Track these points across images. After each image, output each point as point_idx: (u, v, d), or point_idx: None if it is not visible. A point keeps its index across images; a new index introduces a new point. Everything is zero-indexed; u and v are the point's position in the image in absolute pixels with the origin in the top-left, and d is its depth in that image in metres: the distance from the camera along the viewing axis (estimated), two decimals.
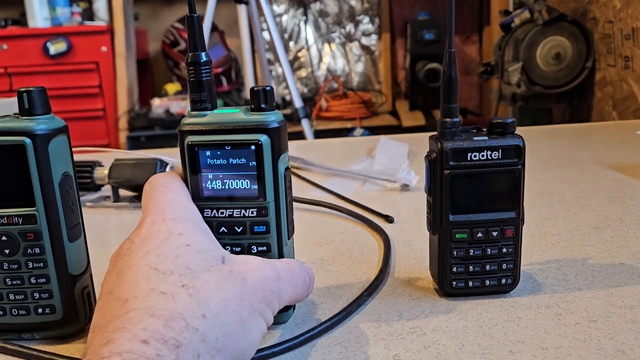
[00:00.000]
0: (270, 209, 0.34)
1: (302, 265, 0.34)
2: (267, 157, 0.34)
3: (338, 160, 0.85)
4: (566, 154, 0.86)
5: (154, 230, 0.30)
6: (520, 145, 0.38)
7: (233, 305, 0.28)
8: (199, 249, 0.29)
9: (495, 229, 0.39)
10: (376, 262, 0.48)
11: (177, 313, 0.26)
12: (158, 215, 0.31)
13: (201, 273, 0.28)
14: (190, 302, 0.26)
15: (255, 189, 0.34)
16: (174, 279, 0.27)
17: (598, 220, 0.56)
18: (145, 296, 0.26)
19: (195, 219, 0.32)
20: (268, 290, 0.30)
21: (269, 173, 0.34)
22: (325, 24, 3.23)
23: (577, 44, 1.65)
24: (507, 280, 0.40)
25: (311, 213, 0.63)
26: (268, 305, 0.30)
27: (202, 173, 0.34)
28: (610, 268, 0.45)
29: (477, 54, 3.18)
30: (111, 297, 0.27)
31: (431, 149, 0.39)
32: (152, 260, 0.28)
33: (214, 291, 0.27)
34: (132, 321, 0.25)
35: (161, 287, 0.27)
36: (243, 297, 0.28)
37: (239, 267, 0.30)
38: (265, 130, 0.33)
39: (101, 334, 0.25)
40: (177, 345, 0.25)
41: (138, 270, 0.28)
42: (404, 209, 0.63)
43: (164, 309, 0.26)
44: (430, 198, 0.40)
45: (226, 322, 0.27)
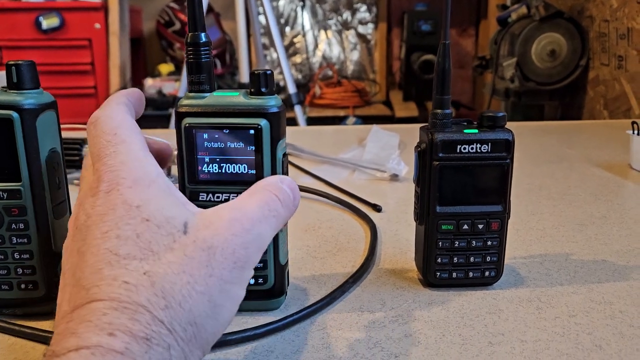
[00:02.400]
0: None
1: (278, 183, 0.31)
2: (266, 142, 0.33)
3: (329, 147, 0.85)
4: (556, 150, 0.87)
5: (110, 202, 0.27)
6: (510, 139, 0.38)
7: (199, 287, 0.26)
8: (159, 221, 0.27)
9: (481, 222, 0.39)
10: (362, 250, 0.49)
11: (141, 306, 0.25)
12: (112, 181, 0.28)
13: (164, 254, 0.26)
14: (154, 293, 0.25)
15: (253, 174, 0.34)
16: (135, 264, 0.26)
17: (583, 217, 0.57)
18: (108, 286, 0.25)
19: (153, 179, 0.28)
20: (241, 248, 0.27)
21: (267, 158, 0.34)
22: (322, 10, 3.21)
23: (573, 41, 1.66)
24: (490, 273, 0.40)
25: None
26: (243, 266, 0.28)
27: (199, 156, 0.34)
28: (592, 265, 0.45)
29: (472, 48, 3.18)
30: (74, 281, 0.26)
31: (421, 140, 0.39)
32: (113, 242, 0.26)
33: (177, 275, 0.26)
34: (96, 313, 0.24)
35: (123, 276, 0.25)
36: (211, 273, 0.26)
37: (204, 233, 0.27)
38: (264, 115, 0.33)
39: (65, 322, 0.25)
40: (146, 338, 0.24)
41: (98, 255, 0.26)
42: (392, 199, 0.63)
43: (128, 302, 0.25)
44: (418, 189, 0.40)
45: (192, 308, 0.26)
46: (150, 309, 0.25)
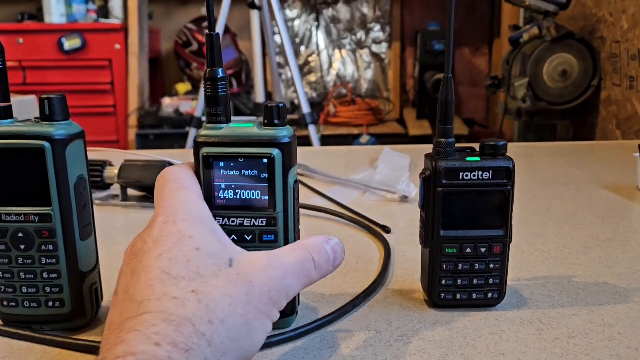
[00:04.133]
0: (279, 220, 0.36)
1: (321, 244, 0.34)
2: (278, 170, 0.36)
3: (341, 168, 0.87)
4: (565, 172, 0.88)
5: (165, 231, 0.31)
6: (510, 167, 0.40)
7: (239, 310, 0.29)
8: (209, 252, 0.31)
9: (484, 246, 0.41)
10: (372, 271, 0.50)
11: (187, 319, 0.27)
12: (170, 215, 0.32)
13: (210, 278, 0.30)
14: (199, 308, 0.28)
15: (266, 199, 0.36)
16: (184, 284, 0.29)
17: (588, 239, 0.58)
18: (158, 300, 0.28)
19: (205, 219, 0.33)
20: (274, 290, 0.31)
21: (279, 185, 0.36)
22: (336, 30, 3.26)
23: (584, 62, 1.67)
24: (493, 295, 0.42)
25: (311, 219, 0.65)
26: (274, 305, 0.31)
27: (216, 183, 0.36)
28: (594, 287, 0.46)
29: (486, 66, 3.20)
30: (127, 297, 0.29)
31: (426, 167, 0.42)
32: (165, 264, 0.30)
33: (221, 296, 0.29)
34: (145, 324, 0.27)
35: (173, 292, 0.28)
36: (249, 301, 0.30)
37: (246, 269, 0.31)
38: (277, 145, 0.35)
39: (116, 333, 0.27)
40: (186, 349, 0.26)
41: (151, 273, 0.29)
42: (402, 220, 0.65)
43: (175, 315, 0.27)
44: (424, 213, 0.42)
45: (232, 326, 0.29)
46: (194, 322, 0.27)
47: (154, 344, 0.26)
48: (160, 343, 0.26)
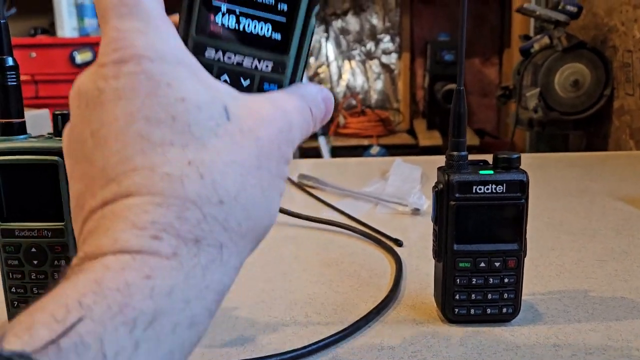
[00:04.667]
0: (288, 66, 0.28)
1: (317, 96, 0.28)
2: (304, 4, 0.28)
3: (352, 180, 0.87)
4: (579, 183, 0.87)
5: (129, 77, 0.22)
6: (524, 180, 0.40)
7: (252, 179, 0.23)
8: (198, 102, 0.22)
9: (498, 260, 0.41)
10: (384, 285, 0.50)
11: (189, 201, 0.21)
12: (128, 52, 0.22)
13: (208, 139, 0.22)
14: (203, 186, 0.21)
15: (279, 37, 0.28)
16: (175, 152, 0.21)
17: (603, 252, 0.57)
18: (145, 178, 0.21)
19: (182, 56, 0.23)
20: (283, 144, 0.24)
21: (300, 23, 0.28)
22: (346, 41, 3.27)
23: (596, 71, 1.66)
24: (508, 310, 0.41)
25: (322, 232, 0.65)
26: (285, 161, 0.25)
27: (215, 2, 0.27)
28: (611, 302, 0.46)
29: (496, 76, 3.19)
30: (94, 171, 0.22)
31: (439, 181, 0.41)
32: (141, 126, 0.21)
33: (227, 165, 0.22)
34: (134, 210, 0.20)
35: (163, 166, 0.21)
36: (260, 164, 0.23)
37: (248, 122, 0.24)
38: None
39: (97, 219, 0.21)
40: (196, 240, 0.21)
41: (124, 140, 0.21)
42: (414, 233, 0.64)
43: (173, 197, 0.21)
44: (437, 227, 0.41)
45: (248, 202, 0.22)
46: (200, 204, 0.21)
47: (151, 236, 0.20)
48: (160, 235, 0.20)
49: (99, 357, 0.18)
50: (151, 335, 0.19)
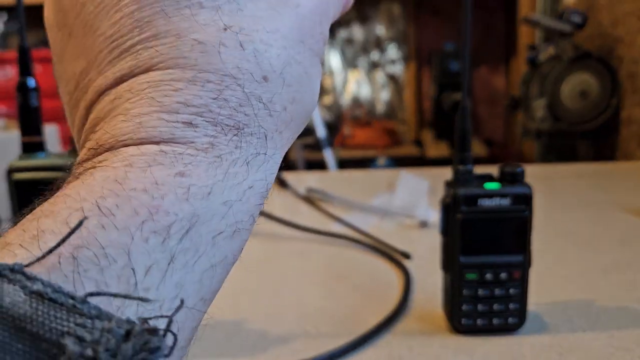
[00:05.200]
0: None
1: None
2: None
3: (359, 193, 0.88)
4: (586, 194, 0.88)
5: None
6: (529, 193, 0.41)
7: (295, 54, 0.19)
8: None
9: (504, 271, 0.42)
10: (392, 297, 0.51)
11: (229, 77, 0.17)
12: None
13: (244, 2, 0.18)
14: (245, 58, 0.17)
15: None
16: (207, 15, 0.17)
17: (608, 263, 0.58)
18: (170, 46, 0.16)
19: None
20: (324, 18, 0.20)
21: None
22: (351, 51, 3.30)
23: (603, 81, 1.67)
24: (513, 320, 0.42)
25: (330, 246, 0.66)
26: (324, 39, 0.21)
27: None
28: (614, 311, 0.46)
29: (504, 85, 3.20)
30: (98, 40, 0.17)
31: (446, 194, 0.42)
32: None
33: (271, 35, 0.18)
34: (160, 88, 0.16)
35: (193, 33, 0.17)
36: (302, 38, 0.19)
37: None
38: None
39: (106, 103, 0.17)
40: (237, 127, 0.17)
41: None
42: (421, 246, 0.65)
43: (209, 71, 0.16)
44: (444, 239, 0.43)
45: (292, 81, 0.18)
46: (242, 81, 0.17)
47: (183, 123, 0.16)
48: (194, 121, 0.16)
49: (125, 273, 0.14)
50: (188, 247, 0.15)
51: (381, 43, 3.28)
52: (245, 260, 0.61)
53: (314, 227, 0.68)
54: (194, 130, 0.16)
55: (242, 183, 0.17)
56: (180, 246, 0.15)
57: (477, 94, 3.15)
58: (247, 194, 0.17)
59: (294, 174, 1.11)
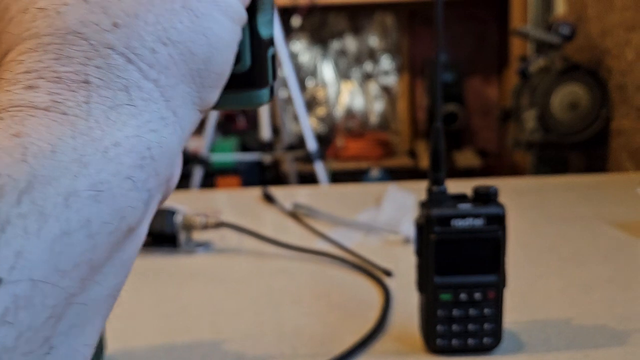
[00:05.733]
0: None
1: None
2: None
3: (347, 207, 0.88)
4: (572, 208, 0.88)
5: None
6: (501, 213, 0.41)
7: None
8: None
9: (478, 291, 0.42)
10: (371, 316, 0.51)
11: (72, 33, 0.16)
12: None
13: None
14: (89, 11, 0.17)
15: None
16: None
17: (589, 279, 0.58)
18: (18, 26, 0.17)
19: None
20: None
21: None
22: (344, 62, 3.31)
23: (592, 93, 1.68)
24: (489, 340, 0.42)
25: (313, 263, 0.66)
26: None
27: None
28: (592, 329, 0.46)
29: (496, 95, 3.21)
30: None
31: (419, 215, 0.42)
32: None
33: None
34: (8, 67, 0.17)
35: (37, 3, 0.17)
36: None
37: None
38: None
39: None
40: (85, 82, 0.16)
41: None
42: (404, 263, 0.65)
43: (49, 34, 0.16)
44: (419, 260, 0.43)
45: (158, 19, 0.17)
46: (86, 34, 0.16)
47: (24, 87, 0.16)
48: (36, 84, 0.16)
49: None
50: (28, 210, 0.14)
51: (374, 54, 3.30)
52: (227, 279, 0.61)
53: (297, 245, 0.68)
54: (34, 92, 0.16)
55: (102, 139, 0.16)
56: (17, 210, 0.14)
57: (470, 105, 3.16)
58: (112, 151, 0.16)
59: (283, 189, 1.11)
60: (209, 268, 0.66)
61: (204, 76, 0.18)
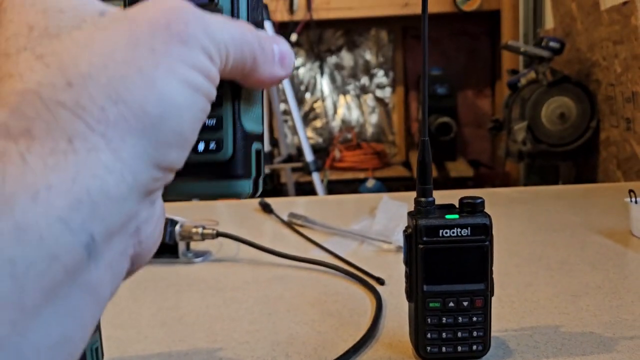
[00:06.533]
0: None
1: (269, 41, 0.24)
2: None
3: (342, 217, 0.90)
4: (561, 217, 0.90)
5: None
6: (487, 223, 0.42)
7: (118, 56, 0.19)
8: (63, 7, 0.20)
9: (466, 299, 0.43)
10: (364, 324, 0.52)
11: (29, 92, 0.18)
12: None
13: (66, 33, 0.19)
14: (48, 74, 0.18)
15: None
16: (26, 54, 0.19)
17: (578, 287, 0.59)
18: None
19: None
20: (179, 22, 0.20)
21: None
22: (340, 76, 3.34)
23: (582, 104, 1.70)
24: (477, 347, 0.44)
25: (308, 272, 0.67)
26: (184, 42, 0.20)
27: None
28: (580, 337, 0.48)
29: (489, 107, 3.25)
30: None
31: (408, 225, 0.44)
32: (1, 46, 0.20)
33: (82, 49, 0.19)
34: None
35: (10, 70, 0.19)
36: (136, 42, 0.19)
37: (129, 12, 0.20)
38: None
39: None
40: (27, 132, 0.17)
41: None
42: (396, 272, 0.66)
43: (11, 94, 0.18)
44: (407, 269, 0.44)
45: (112, 82, 0.19)
46: (41, 93, 0.18)
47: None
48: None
49: None
50: None
51: (370, 68, 3.33)
52: (224, 288, 0.62)
53: (293, 254, 0.69)
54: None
55: (35, 183, 0.17)
56: None
57: (464, 117, 3.19)
58: (43, 193, 0.16)
59: (280, 200, 1.12)
60: (207, 277, 0.67)
61: (158, 132, 0.19)
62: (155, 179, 0.20)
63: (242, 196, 0.27)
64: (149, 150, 0.19)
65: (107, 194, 0.18)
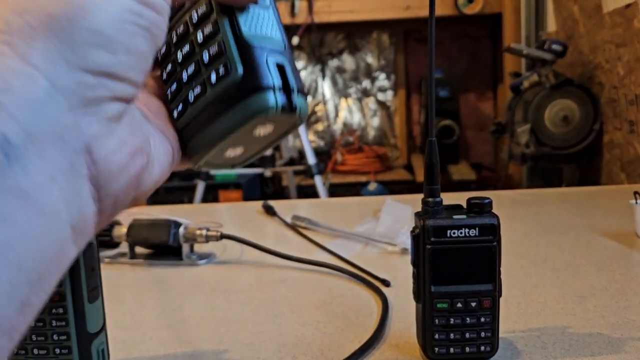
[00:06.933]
0: None
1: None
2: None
3: (345, 220, 0.89)
4: (566, 219, 0.89)
5: None
6: (495, 224, 0.42)
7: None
8: None
9: (474, 300, 0.43)
10: (370, 325, 0.52)
11: None
12: None
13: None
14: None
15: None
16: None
17: (584, 289, 0.59)
18: None
19: None
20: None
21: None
22: (342, 79, 3.34)
23: (585, 107, 1.70)
24: (485, 348, 0.43)
25: (313, 274, 0.67)
26: None
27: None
28: (588, 338, 0.47)
29: (491, 110, 3.25)
30: None
31: (415, 225, 0.44)
32: None
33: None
34: None
35: None
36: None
37: None
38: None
39: None
40: None
41: None
42: (402, 273, 0.66)
43: None
44: (415, 270, 0.44)
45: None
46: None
47: None
48: None
49: None
50: None
51: (371, 72, 3.34)
52: (228, 290, 0.62)
53: (297, 256, 0.69)
54: None
55: None
56: None
57: (466, 120, 3.19)
58: None
59: (283, 202, 1.12)
60: (211, 279, 0.67)
61: (71, 33, 0.19)
62: (88, 85, 0.19)
63: (269, 111, 0.24)
64: (66, 52, 0.19)
65: (15, 95, 0.18)
